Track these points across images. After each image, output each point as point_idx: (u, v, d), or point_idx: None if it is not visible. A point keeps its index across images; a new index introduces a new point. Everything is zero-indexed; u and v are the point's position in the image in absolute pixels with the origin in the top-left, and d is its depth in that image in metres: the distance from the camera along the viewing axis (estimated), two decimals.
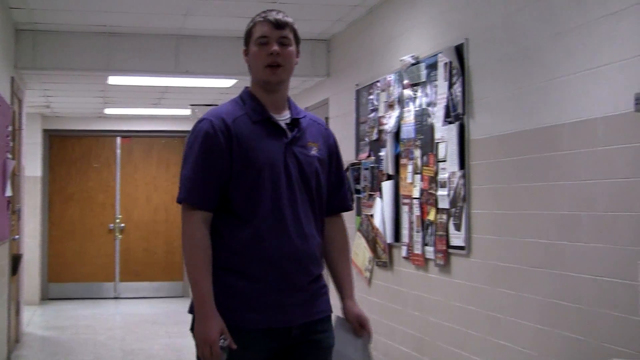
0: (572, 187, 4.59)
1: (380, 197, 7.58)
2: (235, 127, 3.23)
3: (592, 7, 4.43)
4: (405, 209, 7.07)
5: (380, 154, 7.65)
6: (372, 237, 7.87)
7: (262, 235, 3.20)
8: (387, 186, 7.44)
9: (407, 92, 7.04)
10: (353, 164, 8.37)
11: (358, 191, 8.27)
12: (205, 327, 3.10)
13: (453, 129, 6.08)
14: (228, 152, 3.21)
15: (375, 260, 7.86)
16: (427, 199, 6.56)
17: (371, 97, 8.02)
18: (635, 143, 4.09)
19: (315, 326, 3.34)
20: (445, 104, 6.25)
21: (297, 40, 3.42)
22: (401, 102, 7.19)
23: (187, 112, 12.93)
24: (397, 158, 7.28)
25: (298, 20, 3.38)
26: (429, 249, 6.54)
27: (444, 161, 6.24)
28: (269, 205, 3.22)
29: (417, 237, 6.76)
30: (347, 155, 8.60)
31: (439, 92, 6.37)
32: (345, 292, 3.51)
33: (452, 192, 6.11)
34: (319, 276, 3.41)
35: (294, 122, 3.35)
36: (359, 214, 8.26)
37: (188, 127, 14.12)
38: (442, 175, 6.27)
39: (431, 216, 6.47)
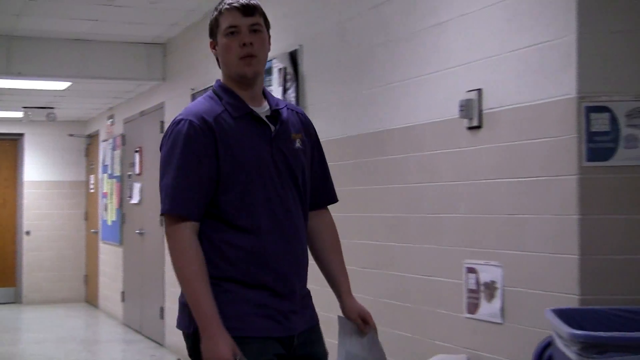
0: (402, 190, 4.66)
1: None
2: (218, 126, 2.84)
3: (421, 17, 4.50)
4: None
5: None
6: None
7: (262, 242, 2.85)
8: None
9: None
10: None
11: None
12: (217, 347, 2.71)
13: None
14: (214, 154, 2.82)
15: None
16: None
17: None
18: (459, 148, 4.19)
19: (310, 335, 3.01)
20: None
21: (267, 24, 2.99)
22: None
23: (19, 114, 12.49)
24: None
25: (133, 24, 3.17)
26: None
27: None
28: (264, 208, 2.86)
29: None
30: None
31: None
32: (342, 290, 3.13)
33: None
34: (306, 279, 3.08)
35: (275, 115, 2.97)
36: None
37: (21, 129, 13.66)
38: None
39: None
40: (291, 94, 6.05)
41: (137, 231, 10.44)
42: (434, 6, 2.98)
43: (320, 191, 3.14)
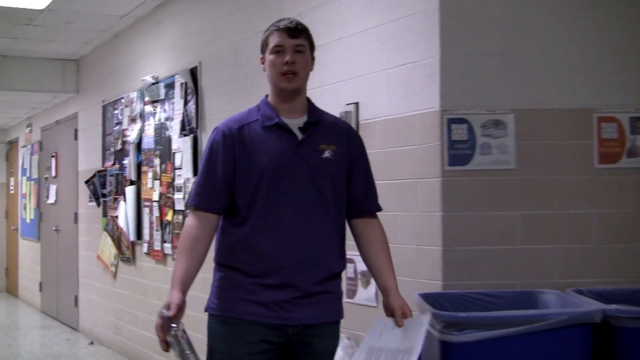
0: None
1: (124, 200, 7.36)
2: (242, 133, 2.84)
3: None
4: (146, 211, 6.89)
5: (124, 162, 7.43)
6: (117, 236, 7.62)
7: (256, 233, 2.78)
8: (130, 191, 7.24)
9: (148, 108, 6.88)
10: (100, 171, 8.08)
11: (104, 195, 8.00)
12: (168, 299, 2.74)
13: (187, 140, 6.00)
14: (232, 156, 2.82)
15: (120, 256, 7.62)
16: (165, 202, 6.42)
17: (116, 111, 7.77)
18: None
19: (314, 330, 2.84)
20: (181, 119, 6.16)
21: (312, 46, 2.94)
22: (142, 116, 7.02)
23: None
24: (139, 166, 7.10)
25: (50, 41, 3.05)
26: (167, 246, 6.40)
27: (180, 169, 6.13)
28: (268, 205, 2.79)
29: (157, 235, 6.61)
30: (94, 164, 8.33)
31: (176, 109, 6.27)
32: (387, 285, 2.89)
33: (186, 195, 5.98)
34: (328, 279, 2.87)
35: (307, 126, 2.88)
36: (105, 215, 8.00)
37: None
38: (178, 181, 6.16)
39: (169, 217, 6.34)
40: (191, 105, 5.97)
41: (53, 228, 10.23)
42: (317, 31, 2.99)
43: (362, 201, 2.97)
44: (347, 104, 4.15)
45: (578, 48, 3.68)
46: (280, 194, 2.79)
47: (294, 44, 2.85)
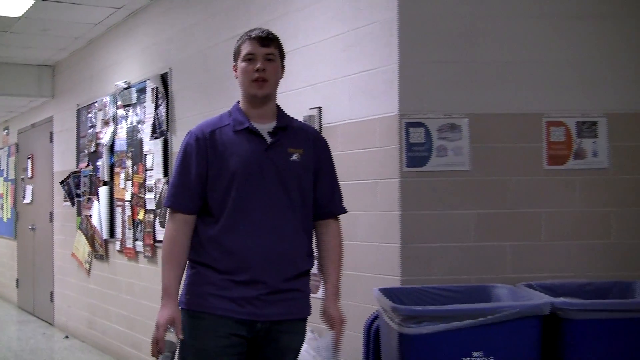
0: None
1: (98, 200, 7.27)
2: (214, 137, 2.83)
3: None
4: (118, 210, 6.81)
5: (98, 163, 7.34)
6: (90, 234, 7.52)
7: (227, 232, 2.77)
8: (103, 191, 7.16)
9: (120, 112, 6.81)
10: (74, 172, 7.98)
11: (78, 195, 7.91)
12: (160, 314, 2.76)
13: (158, 143, 5.95)
14: (204, 159, 2.81)
15: (94, 253, 7.53)
16: (137, 202, 6.35)
17: (90, 115, 7.68)
18: None
19: (281, 326, 2.83)
20: (152, 122, 6.10)
21: (282, 55, 2.96)
22: (115, 120, 6.94)
23: None
24: (111, 167, 7.02)
25: (27, 48, 3.00)
26: (139, 243, 6.34)
27: (151, 170, 6.07)
28: (238, 205, 2.77)
29: (129, 234, 6.54)
30: (69, 165, 8.23)
31: (147, 112, 6.21)
32: (326, 292, 2.96)
33: (157, 195, 5.95)
34: (297, 277, 2.86)
35: (276, 131, 2.86)
36: (79, 214, 7.90)
37: None
38: (150, 182, 6.10)
39: (140, 216, 6.27)
40: (162, 109, 5.92)
41: (30, 227, 10.08)
42: (282, 40, 2.98)
43: (327, 203, 2.96)
44: (311, 108, 4.13)
45: (528, 56, 3.69)
46: (250, 195, 2.79)
47: (265, 53, 2.86)
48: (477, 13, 3.68)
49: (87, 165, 7.70)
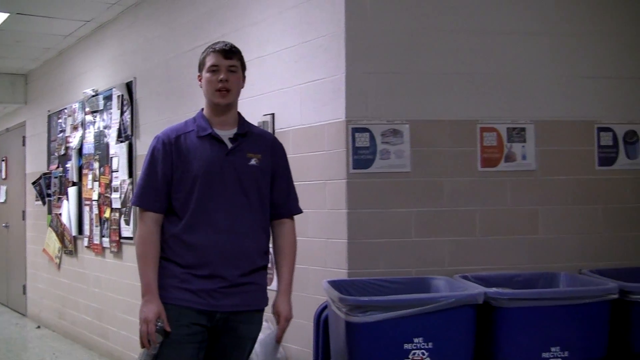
0: None
1: (67, 199, 7.13)
2: (179, 142, 2.80)
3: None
4: (86, 209, 6.68)
5: (67, 165, 7.20)
6: (60, 231, 7.37)
7: (189, 230, 2.74)
8: (72, 191, 7.02)
9: (88, 118, 6.68)
10: (45, 174, 7.83)
11: (49, 195, 7.74)
12: (146, 309, 2.71)
13: (123, 147, 5.83)
14: (170, 162, 2.78)
15: (64, 249, 7.37)
16: (104, 201, 6.23)
17: (60, 120, 7.53)
18: None
19: (239, 316, 2.80)
20: (117, 127, 5.99)
21: (244, 67, 2.93)
22: (83, 125, 6.81)
23: None
24: (80, 169, 6.89)
25: (1, 58, 2.88)
26: (105, 240, 6.22)
27: (117, 171, 5.96)
28: (200, 205, 2.74)
29: (96, 231, 6.42)
30: (40, 167, 8.06)
31: (113, 118, 6.10)
32: (279, 287, 2.93)
33: (122, 195, 5.84)
34: (254, 272, 2.82)
35: (237, 137, 2.83)
36: (50, 212, 7.74)
37: None
38: (115, 183, 5.99)
39: (107, 214, 6.15)
40: (127, 115, 5.81)
41: (3, 225, 9.83)
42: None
43: (283, 204, 2.93)
44: (265, 115, 4.07)
45: (464, 68, 3.68)
46: (211, 196, 2.76)
47: (228, 64, 2.84)
48: (417, 28, 3.66)
49: (57, 167, 7.54)
